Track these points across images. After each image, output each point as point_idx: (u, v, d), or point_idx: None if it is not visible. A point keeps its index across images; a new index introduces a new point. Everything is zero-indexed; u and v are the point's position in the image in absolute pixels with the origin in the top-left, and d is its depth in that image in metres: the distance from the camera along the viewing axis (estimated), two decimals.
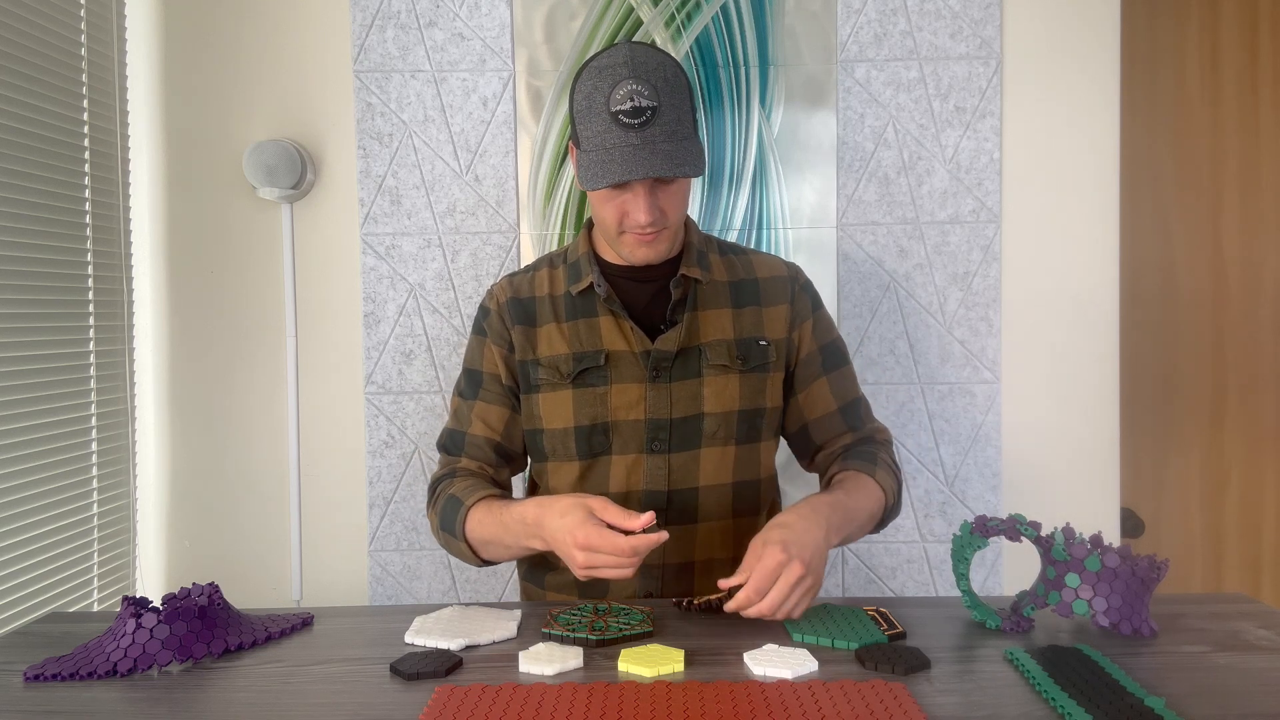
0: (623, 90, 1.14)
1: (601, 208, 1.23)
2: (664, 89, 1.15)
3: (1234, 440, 2.04)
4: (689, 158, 1.16)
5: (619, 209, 1.20)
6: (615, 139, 1.15)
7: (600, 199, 1.22)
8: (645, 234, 1.21)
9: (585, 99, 1.18)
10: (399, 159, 1.83)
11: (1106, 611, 1.04)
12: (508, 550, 1.23)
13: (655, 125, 1.14)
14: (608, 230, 1.25)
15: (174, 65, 1.84)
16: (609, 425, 1.27)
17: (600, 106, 1.15)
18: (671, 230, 1.24)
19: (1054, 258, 1.84)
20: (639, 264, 1.27)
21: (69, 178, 1.65)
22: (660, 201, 1.20)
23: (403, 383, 1.85)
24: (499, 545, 1.23)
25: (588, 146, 1.18)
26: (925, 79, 1.82)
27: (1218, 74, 2.01)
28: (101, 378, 1.73)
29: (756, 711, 0.84)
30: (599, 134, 1.16)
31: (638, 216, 1.19)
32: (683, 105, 1.18)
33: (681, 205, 1.24)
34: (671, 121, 1.15)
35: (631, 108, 1.13)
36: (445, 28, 1.82)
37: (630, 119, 1.13)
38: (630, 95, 1.13)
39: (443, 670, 0.95)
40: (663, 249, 1.25)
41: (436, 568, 1.86)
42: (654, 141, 1.14)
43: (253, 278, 1.86)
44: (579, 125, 1.20)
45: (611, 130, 1.15)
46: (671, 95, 1.16)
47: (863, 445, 1.33)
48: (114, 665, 0.97)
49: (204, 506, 1.88)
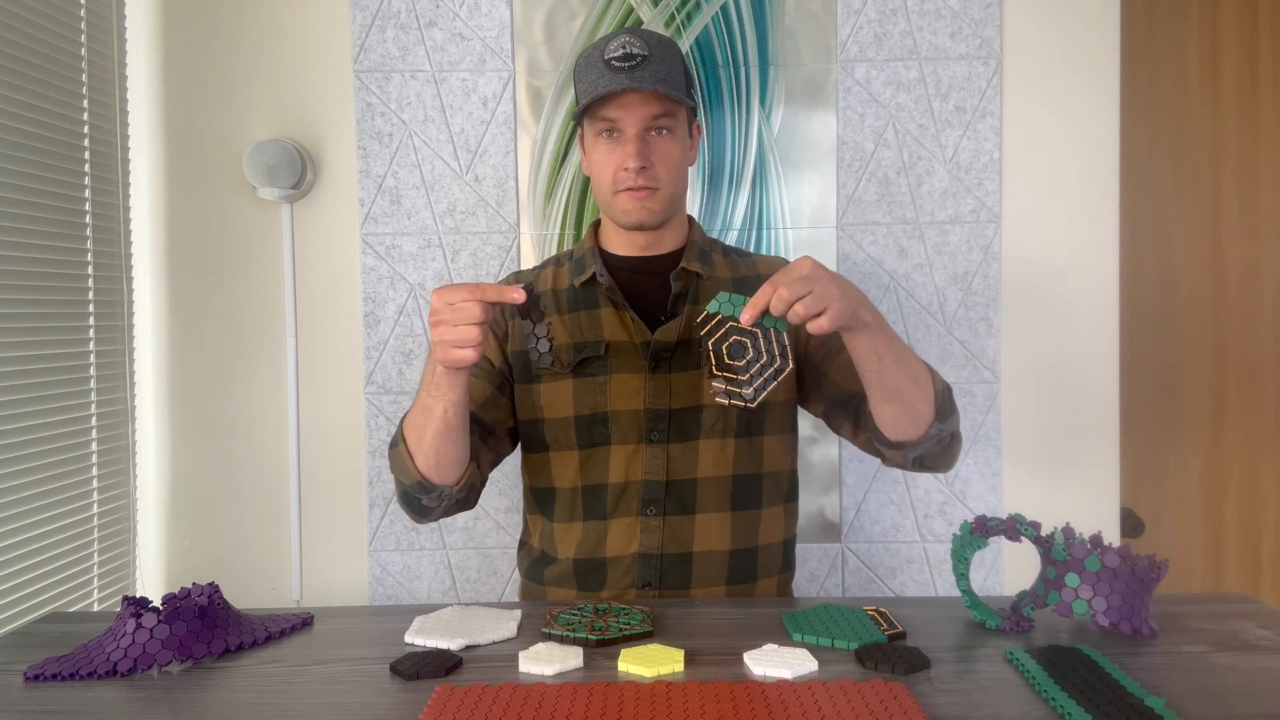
0: (616, 42, 1.24)
1: (599, 168, 1.29)
2: (656, 45, 1.24)
3: (1234, 440, 2.04)
4: (675, 90, 1.23)
5: (613, 163, 1.26)
6: (607, 80, 1.23)
7: (598, 157, 1.28)
8: (637, 190, 1.26)
9: (585, 59, 1.27)
10: (399, 159, 1.83)
11: (1106, 611, 1.04)
12: (427, 415, 1.17)
13: (645, 69, 1.22)
14: (605, 193, 1.30)
15: (174, 65, 1.84)
16: (608, 415, 1.28)
17: (596, 59, 1.24)
18: (664, 193, 1.28)
19: (1054, 258, 1.84)
20: (631, 226, 1.30)
21: (69, 178, 1.65)
22: (652, 153, 1.26)
23: (403, 383, 1.85)
24: (419, 412, 1.18)
25: (582, 95, 1.27)
26: (925, 79, 1.82)
27: (1217, 74, 2.01)
28: (101, 378, 1.73)
29: (756, 711, 0.84)
30: (593, 81, 1.24)
31: (628, 161, 1.24)
32: (674, 63, 1.26)
33: (673, 166, 1.28)
34: (662, 70, 1.23)
35: (623, 54, 1.22)
36: (445, 28, 1.82)
37: (621, 63, 1.22)
38: (623, 45, 1.23)
39: (443, 670, 0.95)
40: (656, 209, 1.28)
41: (436, 568, 1.86)
42: (643, 81, 1.22)
43: (253, 278, 1.86)
44: (578, 84, 1.29)
45: (605, 74, 1.23)
46: (664, 51, 1.25)
47: None
48: (114, 665, 0.97)
49: (204, 506, 1.88)
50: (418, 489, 1.24)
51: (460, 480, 1.25)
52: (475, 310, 1.06)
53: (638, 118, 1.24)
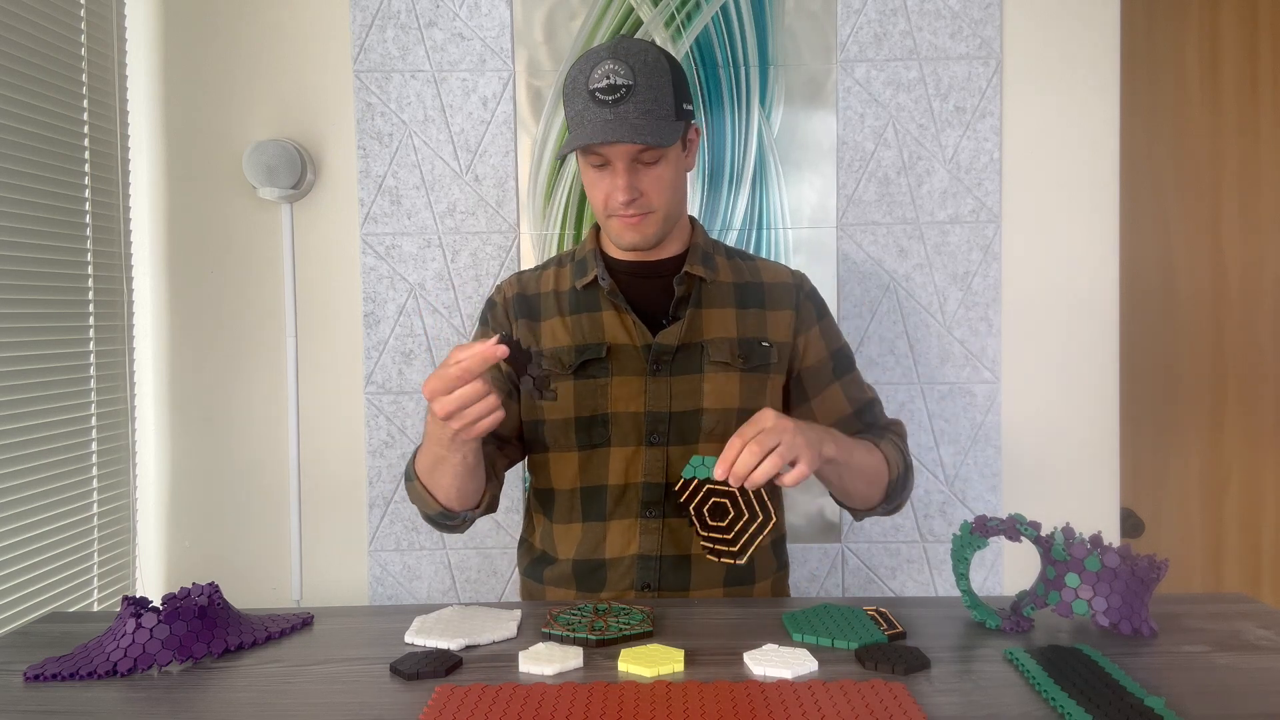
0: (600, 70, 1.20)
1: (591, 191, 1.29)
2: (641, 70, 1.21)
3: (1234, 440, 2.04)
4: (658, 131, 1.20)
5: (604, 191, 1.26)
6: (591, 115, 1.21)
7: (587, 182, 1.28)
8: (629, 216, 1.25)
9: (570, 81, 1.24)
10: (399, 159, 1.83)
11: (1106, 611, 1.04)
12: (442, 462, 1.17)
13: (629, 102, 1.20)
14: (598, 214, 1.30)
15: (174, 65, 1.84)
16: (608, 417, 1.28)
17: (581, 86, 1.22)
18: (658, 216, 1.27)
19: (1054, 258, 1.84)
20: (626, 248, 1.30)
21: (69, 178, 1.65)
22: (641, 183, 1.24)
23: (403, 383, 1.85)
24: (432, 459, 1.18)
25: (570, 125, 1.25)
26: (925, 79, 1.82)
27: (1217, 74, 2.01)
28: (101, 378, 1.73)
29: (756, 711, 0.84)
30: (578, 112, 1.23)
31: (616, 195, 1.23)
32: (661, 87, 1.22)
33: (664, 189, 1.27)
34: (648, 100, 1.20)
35: (607, 85, 1.20)
36: (445, 28, 1.82)
37: (605, 95, 1.20)
38: (607, 74, 1.20)
39: (443, 670, 0.95)
40: (649, 233, 1.28)
41: (436, 568, 1.86)
42: (626, 117, 1.20)
43: (253, 278, 1.86)
44: (565, 107, 1.27)
45: (589, 107, 1.21)
46: (650, 76, 1.21)
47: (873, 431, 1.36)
48: (114, 665, 0.97)
49: (204, 506, 1.88)
50: (441, 517, 1.27)
51: (483, 500, 1.27)
52: (477, 386, 1.04)
53: (623, 152, 1.22)
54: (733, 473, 1.04)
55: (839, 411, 1.36)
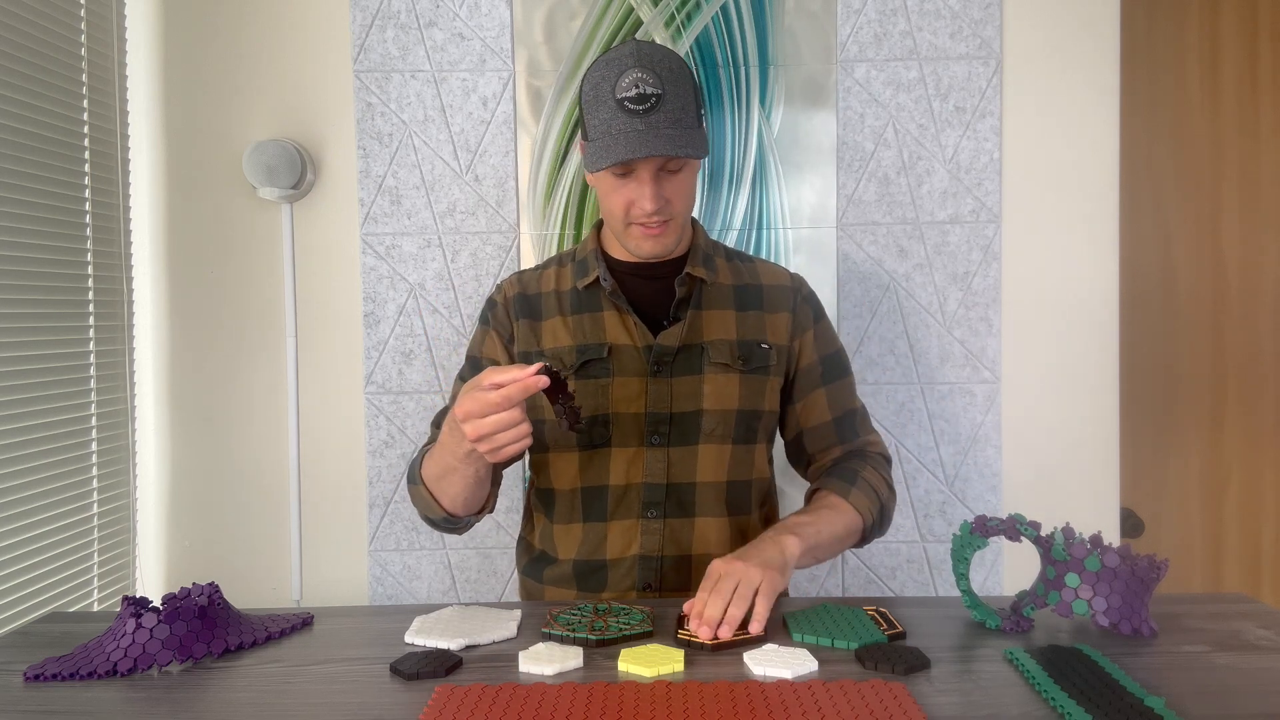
0: (628, 78, 1.17)
1: (609, 198, 1.25)
2: (668, 78, 1.18)
3: (1234, 440, 2.04)
4: (692, 142, 1.18)
5: (626, 199, 1.23)
6: (621, 125, 1.18)
7: (608, 189, 1.24)
8: (651, 226, 1.24)
9: (593, 89, 1.21)
10: (399, 159, 1.83)
11: (1106, 611, 1.04)
12: (453, 473, 1.18)
13: (659, 111, 1.17)
14: (615, 222, 1.27)
15: (174, 65, 1.84)
16: (609, 417, 1.28)
17: (607, 95, 1.18)
18: (677, 223, 1.26)
19: (1054, 258, 1.84)
20: (645, 258, 1.29)
21: (69, 178, 1.65)
22: (666, 190, 1.22)
23: (403, 383, 1.85)
24: (443, 468, 1.18)
25: (595, 135, 1.21)
26: (925, 79, 1.82)
27: (1217, 74, 2.00)
28: (101, 378, 1.73)
29: (756, 711, 0.84)
30: (605, 121, 1.19)
31: (644, 204, 1.21)
32: (686, 95, 1.20)
33: (687, 197, 1.26)
34: (676, 109, 1.18)
35: (636, 94, 1.16)
36: (445, 28, 1.82)
37: (635, 105, 1.16)
38: (636, 83, 1.16)
39: (443, 670, 0.95)
40: (669, 242, 1.27)
41: (436, 568, 1.86)
42: (658, 127, 1.17)
43: (253, 278, 1.86)
44: (587, 115, 1.23)
45: (618, 117, 1.18)
46: (676, 85, 1.19)
47: (850, 461, 1.35)
48: (114, 665, 0.97)
49: (204, 506, 1.88)
50: (444, 522, 1.28)
51: (486, 503, 1.28)
52: (514, 414, 1.04)
53: (652, 162, 1.20)
54: (706, 624, 1.03)
55: (819, 418, 1.36)
